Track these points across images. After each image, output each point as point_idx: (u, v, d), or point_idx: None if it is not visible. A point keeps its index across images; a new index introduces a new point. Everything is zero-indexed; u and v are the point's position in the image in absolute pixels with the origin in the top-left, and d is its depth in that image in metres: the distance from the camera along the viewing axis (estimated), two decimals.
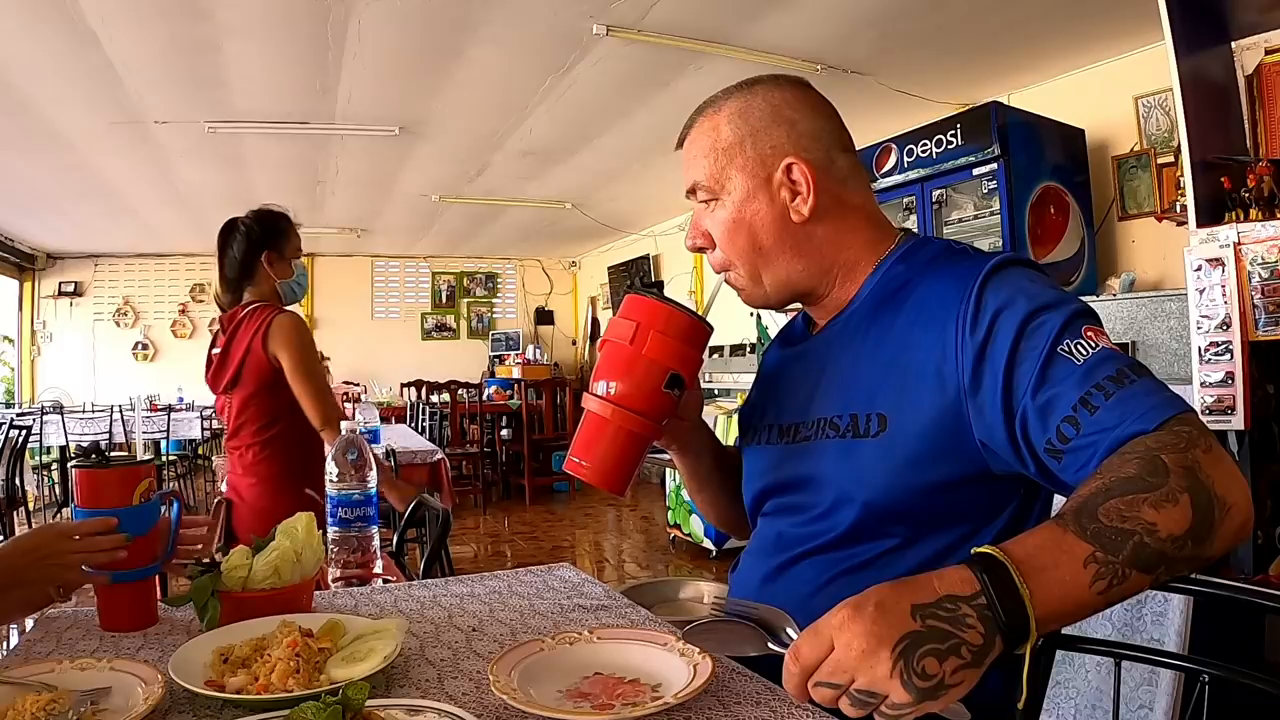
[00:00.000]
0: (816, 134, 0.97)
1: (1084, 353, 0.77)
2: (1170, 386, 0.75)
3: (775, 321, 5.76)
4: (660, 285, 0.99)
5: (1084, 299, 0.91)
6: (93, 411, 6.87)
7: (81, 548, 0.96)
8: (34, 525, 5.33)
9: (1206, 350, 1.91)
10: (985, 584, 0.59)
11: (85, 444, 1.08)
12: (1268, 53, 2.56)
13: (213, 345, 2.24)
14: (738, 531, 1.19)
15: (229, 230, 2.18)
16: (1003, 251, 0.91)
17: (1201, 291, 1.94)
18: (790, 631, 0.72)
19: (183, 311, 9.22)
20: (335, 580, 1.32)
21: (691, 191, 1.00)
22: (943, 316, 0.85)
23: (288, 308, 2.21)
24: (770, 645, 0.72)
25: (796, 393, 1.01)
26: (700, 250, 1.01)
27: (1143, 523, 0.64)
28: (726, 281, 1.03)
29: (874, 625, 0.57)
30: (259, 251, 2.15)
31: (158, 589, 1.10)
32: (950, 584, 0.60)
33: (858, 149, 1.02)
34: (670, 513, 5.07)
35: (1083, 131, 3.57)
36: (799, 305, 1.07)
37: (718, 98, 0.99)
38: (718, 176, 0.96)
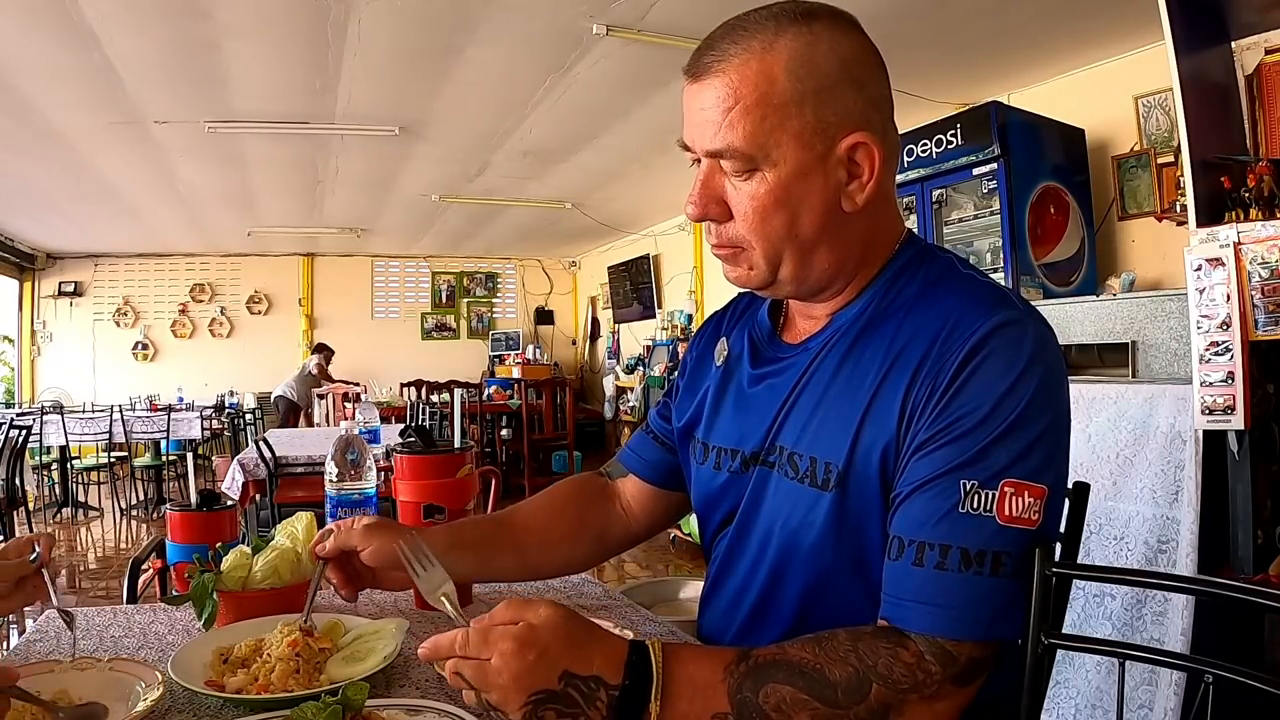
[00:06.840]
0: (881, 103, 0.79)
1: (974, 508, 0.70)
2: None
3: None
4: (422, 430, 1.16)
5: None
6: (93, 411, 6.86)
7: None
8: (34, 525, 5.33)
9: (1206, 350, 1.91)
10: (626, 687, 0.66)
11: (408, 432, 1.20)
12: (1268, 53, 2.55)
13: None
14: (577, 568, 1.11)
15: None
16: (1006, 306, 0.76)
17: (1201, 291, 1.94)
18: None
19: (183, 311, 9.23)
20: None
21: (717, 154, 0.77)
22: (913, 364, 0.77)
23: None
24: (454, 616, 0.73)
25: (764, 415, 0.87)
26: (705, 220, 0.81)
27: None
28: (724, 260, 0.84)
29: (527, 674, 0.64)
30: None
31: None
32: (604, 665, 0.66)
33: None
34: None
35: (1083, 131, 3.57)
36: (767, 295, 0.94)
37: (762, 23, 0.75)
38: (763, 141, 0.75)
